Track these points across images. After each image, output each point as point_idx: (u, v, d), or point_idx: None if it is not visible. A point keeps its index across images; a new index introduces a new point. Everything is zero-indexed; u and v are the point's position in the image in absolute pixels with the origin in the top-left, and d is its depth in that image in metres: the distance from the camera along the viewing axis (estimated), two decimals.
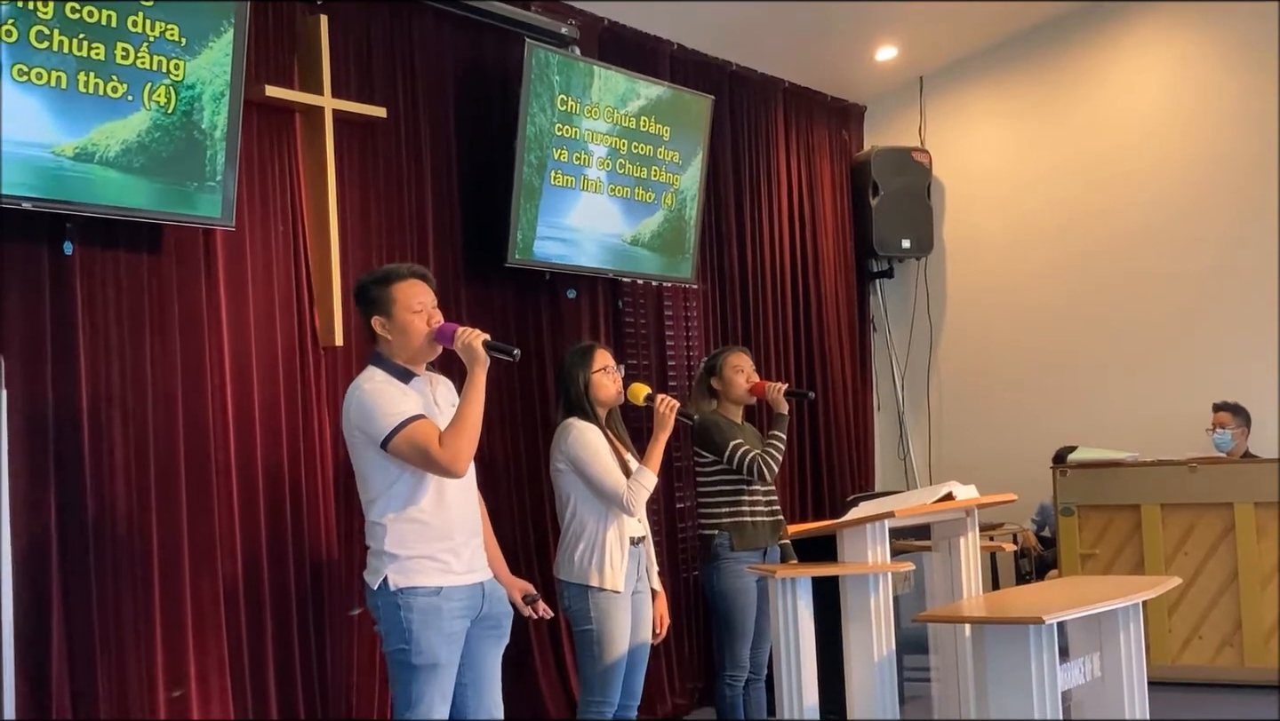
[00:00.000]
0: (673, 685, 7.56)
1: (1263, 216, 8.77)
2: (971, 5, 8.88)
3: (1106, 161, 9.27)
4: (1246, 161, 8.84)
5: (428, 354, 4.32)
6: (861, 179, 9.64)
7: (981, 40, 9.50)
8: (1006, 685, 4.17)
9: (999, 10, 9.09)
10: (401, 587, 4.13)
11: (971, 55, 9.65)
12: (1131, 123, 9.22)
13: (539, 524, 6.67)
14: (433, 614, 4.13)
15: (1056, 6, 9.21)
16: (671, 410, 5.22)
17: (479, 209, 6.64)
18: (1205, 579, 7.82)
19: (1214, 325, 8.87)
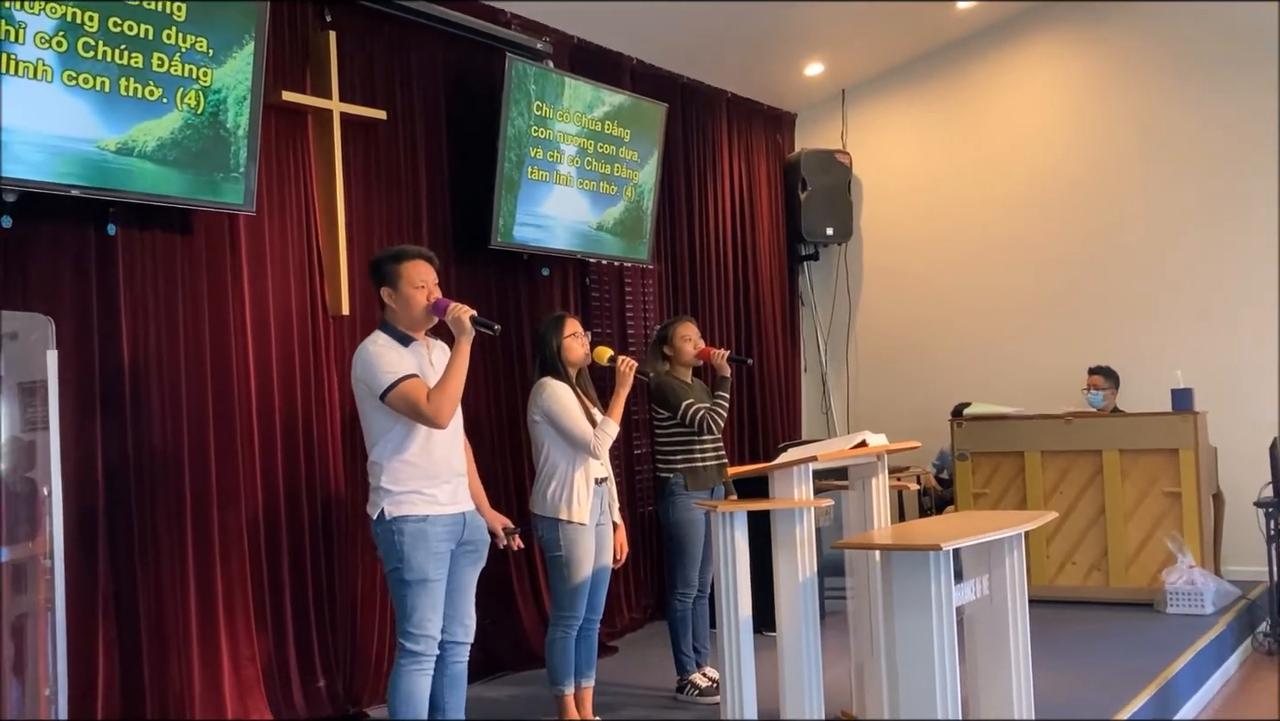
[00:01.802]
0: (630, 602, 7.60)
1: (1129, 209, 8.83)
2: (886, 28, 8.88)
3: (1000, 162, 9.29)
4: (1116, 163, 8.89)
5: (425, 323, 4.35)
6: (792, 176, 9.65)
7: (895, 58, 9.50)
8: (910, 602, 4.18)
9: (909, 32, 9.09)
10: (395, 517, 4.17)
11: (886, 71, 9.65)
12: (1021, 129, 9.24)
13: (518, 466, 6.66)
14: (421, 538, 4.17)
15: (960, 29, 9.20)
16: (631, 369, 5.24)
17: (466, 198, 6.60)
18: (1077, 514, 7.88)
19: (1089, 300, 8.92)
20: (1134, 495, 7.74)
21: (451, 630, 4.36)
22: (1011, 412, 8.29)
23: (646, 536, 7.56)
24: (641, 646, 7.08)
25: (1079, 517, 7.87)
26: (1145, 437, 7.74)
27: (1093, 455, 7.85)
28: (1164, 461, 7.68)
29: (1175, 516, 7.64)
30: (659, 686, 6.02)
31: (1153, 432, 7.74)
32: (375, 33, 6.17)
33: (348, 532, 5.77)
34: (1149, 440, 7.72)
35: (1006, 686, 4.75)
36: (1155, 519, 7.69)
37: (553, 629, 5.17)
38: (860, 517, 5.22)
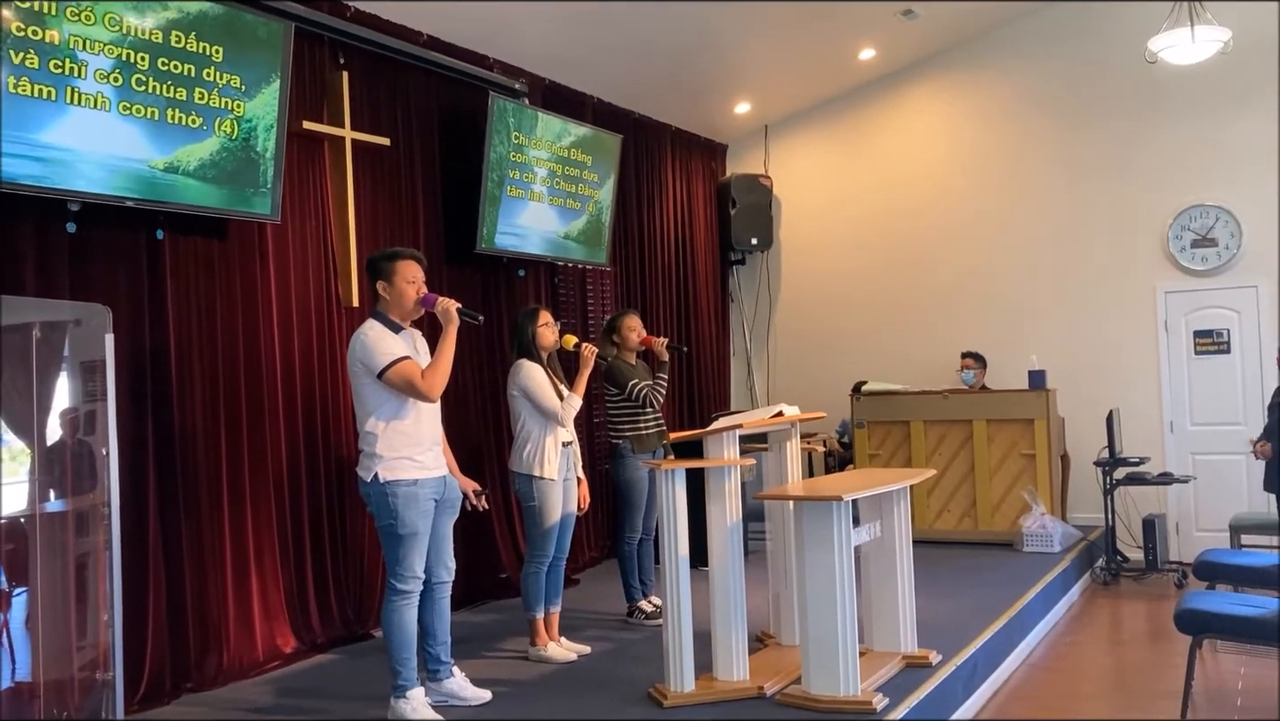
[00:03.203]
0: (589, 543, 7.60)
1: (996, 223, 8.89)
2: (801, 75, 8.89)
3: (893, 184, 9.33)
4: (986, 185, 8.96)
5: (414, 315, 4.29)
6: (724, 196, 9.63)
7: (808, 100, 9.51)
8: (817, 543, 4.21)
9: (820, 78, 9.11)
10: (388, 480, 4.11)
11: (802, 110, 9.65)
12: (911, 157, 9.28)
13: (498, 432, 6.64)
14: (412, 499, 4.13)
15: (862, 76, 9.24)
16: (592, 354, 5.25)
17: (456, 211, 6.55)
18: (952, 471, 7.97)
19: (963, 297, 8.99)
20: (998, 456, 7.85)
21: (437, 572, 4.34)
22: (900, 389, 8.36)
23: (603, 490, 7.57)
24: (598, 580, 7.09)
25: (953, 474, 7.96)
26: (1007, 410, 7.84)
27: (965, 424, 7.95)
28: (1022, 429, 7.79)
29: (1031, 474, 7.75)
30: (613, 612, 6.03)
31: (1013, 406, 7.84)
32: (381, 73, 6.10)
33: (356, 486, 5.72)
34: (1010, 412, 7.82)
35: (894, 611, 4.81)
36: (1015, 475, 7.79)
37: (527, 565, 5.17)
38: (777, 474, 5.24)
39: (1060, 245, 8.64)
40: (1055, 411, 7.95)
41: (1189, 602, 4.95)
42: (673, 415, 8.58)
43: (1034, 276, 8.72)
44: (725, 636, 4.47)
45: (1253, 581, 5.79)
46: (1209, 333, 8.15)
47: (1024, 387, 7.97)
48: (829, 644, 4.16)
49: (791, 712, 4.15)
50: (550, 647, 5.12)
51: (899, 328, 9.21)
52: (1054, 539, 7.41)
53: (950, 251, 9.05)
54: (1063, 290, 8.62)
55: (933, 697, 4.43)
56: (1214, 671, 5.49)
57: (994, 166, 8.93)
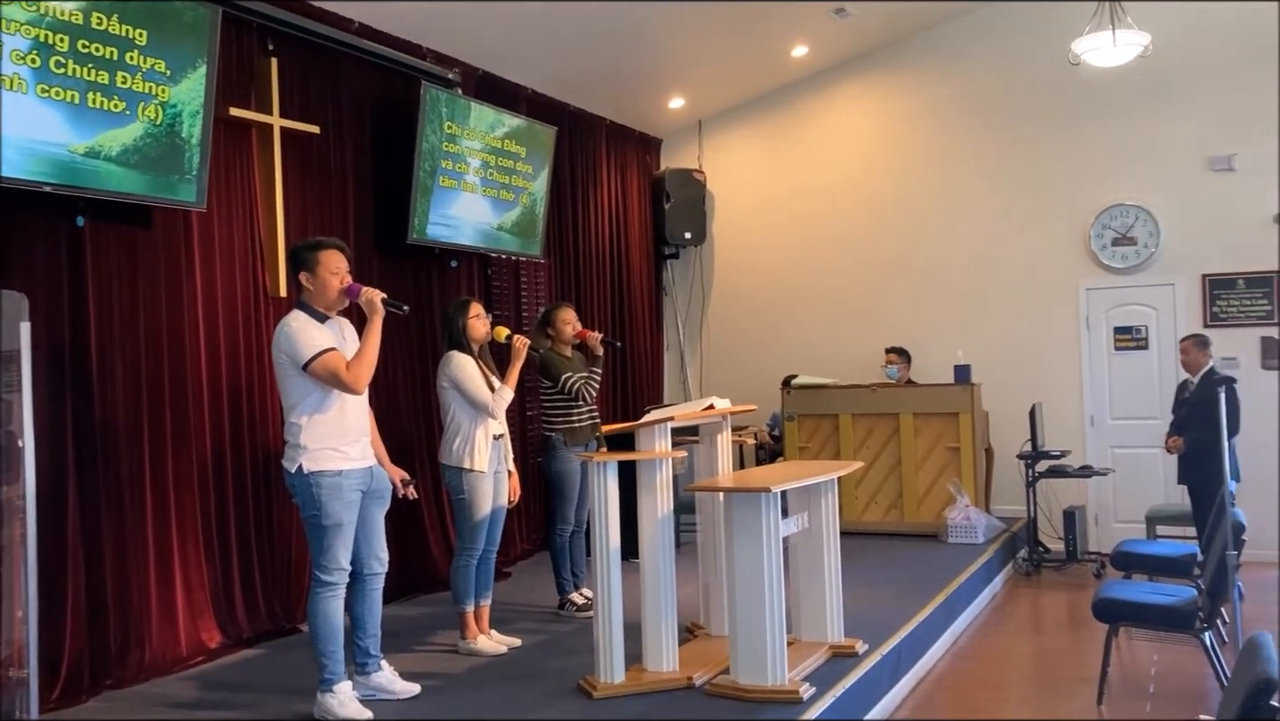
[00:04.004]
0: (521, 536, 7.57)
1: (922, 220, 9.02)
2: (734, 71, 8.93)
3: (824, 181, 9.42)
4: (912, 182, 9.08)
5: (338, 305, 4.21)
6: (658, 190, 9.64)
7: (741, 96, 9.56)
8: (746, 534, 4.23)
9: (753, 75, 9.16)
10: (312, 471, 4.05)
11: (735, 106, 9.70)
12: (841, 155, 9.38)
13: (429, 424, 6.57)
14: (336, 489, 4.07)
15: (793, 74, 9.30)
16: (524, 346, 5.20)
17: (387, 201, 6.46)
18: (879, 464, 8.07)
19: (890, 293, 9.11)
20: (924, 449, 7.96)
21: (369, 564, 4.28)
22: (829, 383, 8.44)
23: (536, 483, 7.54)
24: (530, 572, 7.06)
25: (881, 467, 8.06)
26: (933, 404, 7.95)
27: (892, 417, 8.05)
28: (947, 423, 7.91)
29: (955, 466, 7.87)
30: (544, 605, 6.02)
31: (939, 400, 7.96)
32: (311, 60, 6.00)
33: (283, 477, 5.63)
34: (936, 405, 7.94)
35: (822, 601, 4.86)
36: (940, 468, 7.91)
37: (457, 557, 5.13)
38: (708, 466, 5.26)
39: (986, 242, 8.78)
40: (980, 405, 8.09)
41: (1105, 592, 5.08)
42: (606, 408, 8.57)
43: (960, 273, 8.86)
44: (655, 627, 4.48)
45: (1167, 571, 5.96)
46: (1128, 329, 8.35)
47: (950, 382, 8.09)
48: (757, 634, 4.19)
49: (720, 702, 4.17)
50: (480, 640, 5.09)
51: (829, 322, 9.29)
52: (978, 530, 7.54)
53: (879, 247, 9.16)
54: (988, 286, 8.77)
55: (859, 686, 4.49)
56: (1129, 658, 5.63)
57: (922, 164, 9.05)
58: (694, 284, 9.95)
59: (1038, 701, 5.05)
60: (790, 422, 8.36)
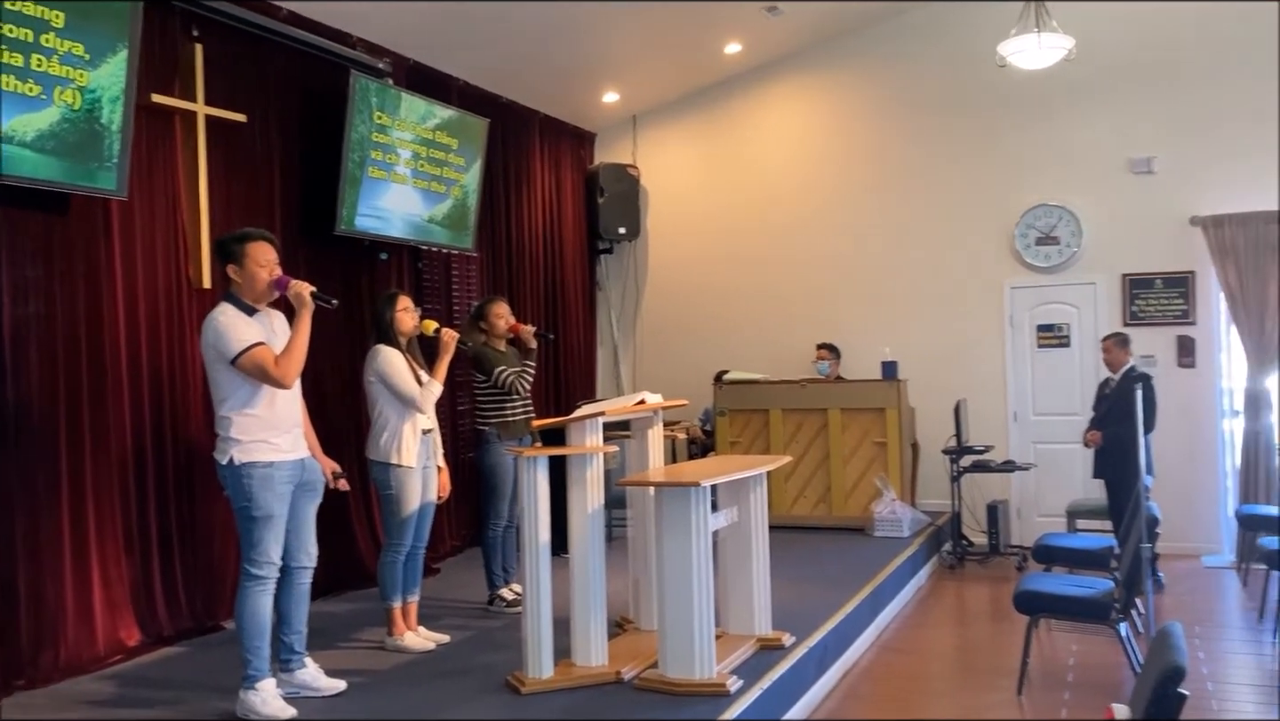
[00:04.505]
0: (451, 533, 7.51)
1: (853, 218, 9.12)
2: (669, 66, 8.94)
3: (757, 177, 9.48)
4: (844, 181, 9.17)
5: (267, 297, 4.16)
6: (592, 185, 9.62)
7: (676, 92, 9.58)
8: (676, 527, 4.25)
9: (687, 71, 9.18)
10: (243, 462, 4.00)
11: (669, 102, 9.72)
12: (774, 151, 9.44)
13: (357, 418, 6.48)
14: (266, 481, 4.02)
15: (728, 70, 9.34)
16: (453, 340, 5.16)
17: (315, 191, 6.36)
18: (808, 458, 8.15)
19: (821, 290, 9.19)
20: (851, 444, 8.06)
21: (298, 557, 4.23)
22: (760, 378, 8.51)
23: (467, 478, 7.48)
24: (460, 569, 7.01)
25: (810, 461, 8.14)
26: (861, 399, 8.05)
27: (821, 412, 8.13)
28: (875, 418, 8.01)
29: (882, 461, 7.98)
30: (474, 600, 5.98)
31: (867, 395, 8.06)
32: (238, 47, 5.87)
33: (207, 471, 5.48)
34: (864, 401, 8.04)
35: (750, 594, 4.89)
36: (867, 462, 8.02)
37: (384, 553, 5.08)
38: (640, 461, 5.26)
39: (914, 240, 8.91)
40: (906, 401, 8.20)
41: (1026, 584, 5.19)
42: (540, 403, 8.50)
43: (889, 270, 8.97)
44: (584, 622, 4.47)
45: (1086, 563, 6.10)
46: (1051, 327, 8.53)
47: (877, 378, 8.20)
48: (685, 627, 4.21)
49: (647, 696, 4.18)
50: (407, 637, 5.04)
51: (760, 318, 9.36)
52: (904, 524, 7.65)
53: (809, 244, 9.24)
54: (916, 284, 8.89)
55: (785, 678, 4.53)
56: (1049, 648, 5.76)
57: (853, 162, 9.15)
58: (628, 279, 9.95)
59: (960, 692, 5.14)
60: (722, 418, 8.40)
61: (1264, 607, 6.23)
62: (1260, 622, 6.13)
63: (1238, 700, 4.89)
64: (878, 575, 6.37)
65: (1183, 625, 2.83)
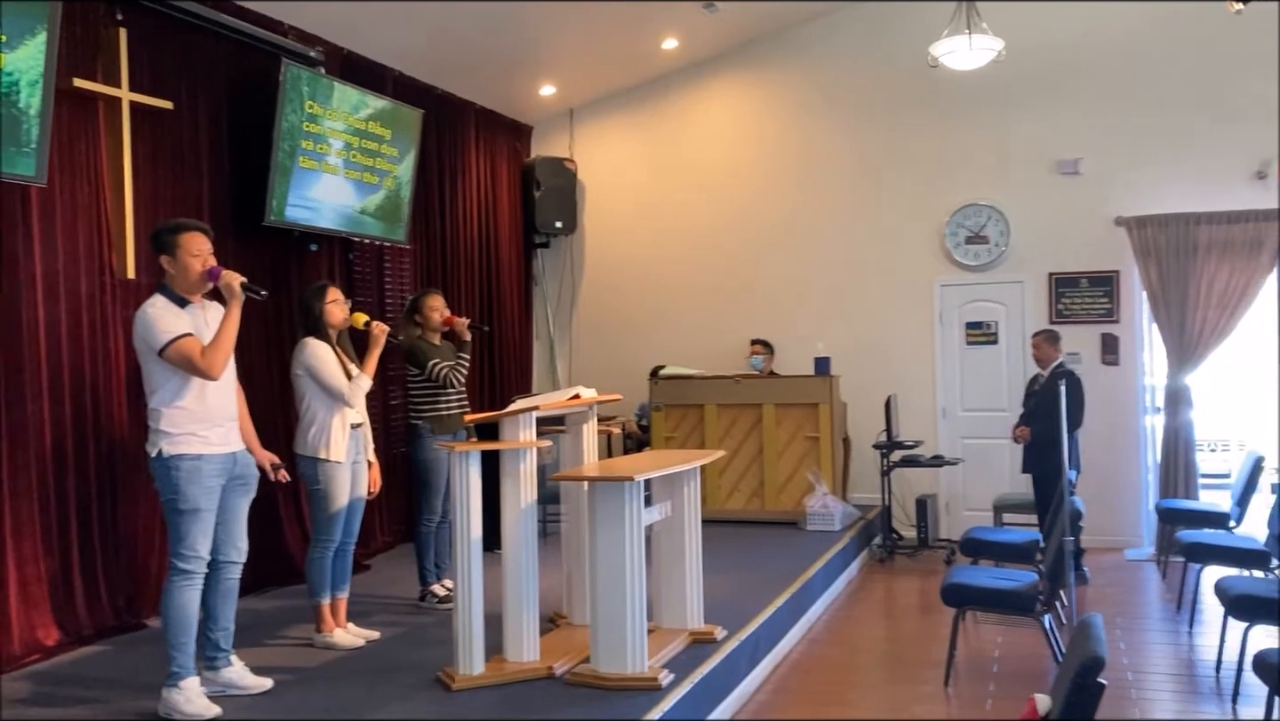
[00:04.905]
0: (383, 528, 7.43)
1: (787, 215, 9.18)
2: (605, 60, 8.93)
3: (693, 173, 9.50)
4: (778, 177, 9.24)
5: (200, 287, 4.11)
6: (528, 178, 9.57)
7: (612, 86, 9.56)
8: (609, 522, 4.24)
9: (624, 65, 9.17)
10: (171, 455, 3.96)
11: (606, 96, 9.70)
12: (710, 147, 9.47)
13: (287, 412, 6.36)
14: (194, 473, 3.97)
15: (664, 66, 9.34)
16: (383, 333, 5.10)
17: (244, 181, 6.24)
18: (743, 453, 8.19)
19: (756, 286, 9.25)
20: (785, 439, 8.12)
21: (226, 552, 4.17)
22: (695, 374, 8.54)
23: (399, 473, 7.40)
24: (392, 565, 6.93)
25: (744, 456, 8.19)
26: (794, 394, 8.12)
27: (755, 407, 8.19)
28: (808, 413, 8.08)
29: (815, 455, 8.05)
30: (405, 597, 5.92)
31: (800, 390, 8.13)
32: (164, 32, 5.73)
33: (130, 467, 5.39)
34: (797, 396, 8.11)
35: (683, 588, 4.91)
36: (800, 457, 8.09)
37: (312, 549, 5.01)
38: (574, 456, 5.25)
39: (847, 238, 9.00)
40: (838, 396, 8.29)
41: (953, 577, 5.27)
42: (475, 398, 8.44)
43: (822, 267, 9.05)
44: (516, 618, 4.45)
45: (1011, 557, 6.22)
46: (979, 324, 8.68)
47: (810, 374, 8.27)
48: (618, 622, 4.21)
49: (579, 691, 4.17)
50: (336, 633, 4.98)
51: (697, 313, 9.39)
52: (835, 518, 7.73)
53: (745, 240, 9.28)
54: (849, 281, 8.98)
55: (717, 671, 4.55)
56: (975, 640, 5.86)
57: (788, 159, 9.21)
58: (564, 273, 9.92)
59: (889, 685, 5.20)
60: (657, 412, 8.41)
61: (1181, 599, 6.40)
62: (1178, 614, 6.30)
63: (1156, 689, 5.02)
64: (809, 569, 6.43)
65: (1104, 616, 2.89)
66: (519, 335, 9.54)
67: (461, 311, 8.22)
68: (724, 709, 4.59)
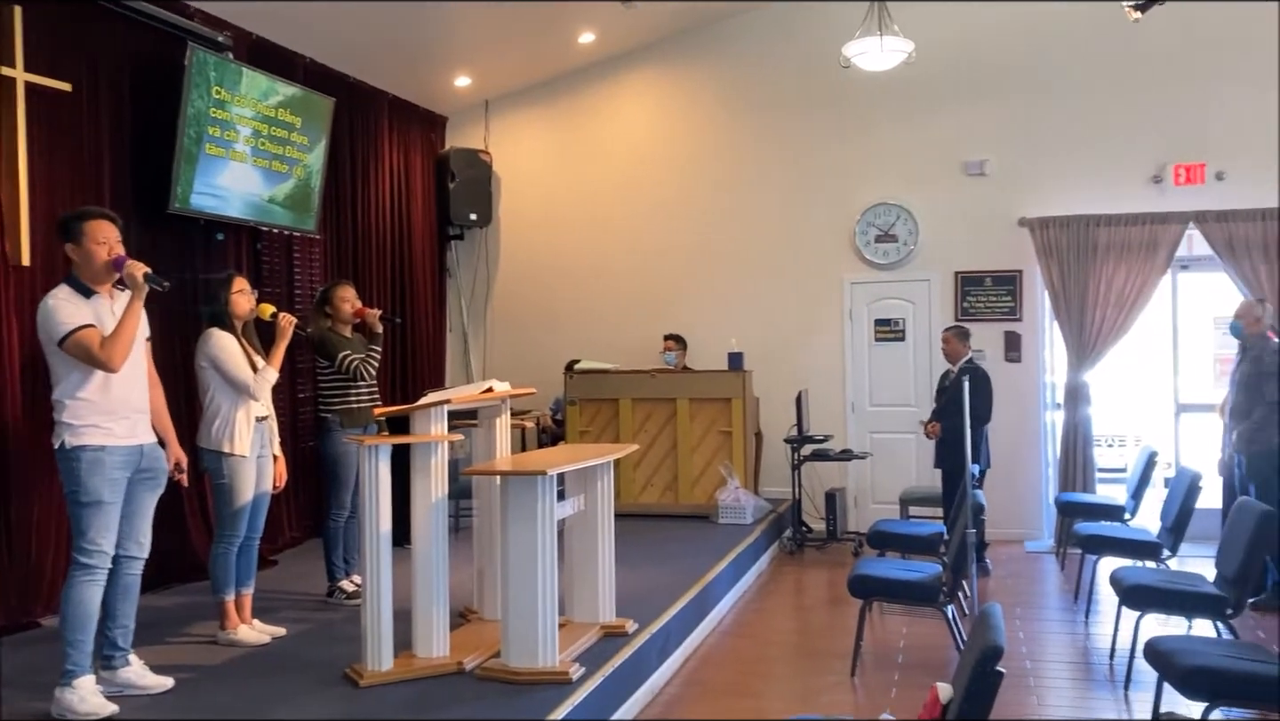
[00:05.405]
0: (291, 523, 7.29)
1: (702, 210, 9.23)
2: (522, 51, 8.87)
3: (609, 166, 9.49)
4: (693, 173, 9.28)
5: (106, 277, 4.03)
6: (443, 169, 9.46)
7: (529, 78, 9.50)
8: (521, 517, 4.22)
9: (541, 57, 9.12)
10: (74, 446, 3.89)
11: (522, 88, 9.64)
12: (626, 140, 9.47)
13: (190, 406, 6.20)
14: (97, 465, 3.89)
15: (581, 59, 9.32)
16: (290, 324, 5.03)
17: (148, 167, 6.06)
18: (657, 447, 8.23)
19: (670, 281, 9.28)
20: (698, 433, 8.18)
21: (127, 547, 4.08)
22: (610, 368, 8.54)
23: (307, 467, 7.26)
24: (299, 560, 6.81)
25: (658, 450, 8.23)
26: (708, 389, 8.18)
27: (670, 402, 8.23)
28: (721, 407, 8.15)
29: (727, 449, 8.12)
30: (313, 593, 5.82)
31: (714, 385, 8.19)
32: (63, 12, 5.53)
33: (25, 459, 5.19)
34: (710, 391, 8.17)
35: (594, 582, 4.91)
36: (713, 451, 8.15)
37: (216, 545, 4.90)
38: (487, 450, 5.22)
39: (760, 234, 9.08)
40: (751, 391, 8.37)
41: (860, 569, 5.36)
42: (387, 391, 8.36)
43: (735, 263, 9.13)
44: (426, 613, 4.41)
45: (916, 549, 6.35)
46: (887, 321, 8.83)
47: (723, 369, 8.33)
48: (529, 616, 4.19)
49: (489, 686, 4.15)
50: (241, 630, 4.87)
51: (612, 308, 9.39)
52: (746, 511, 7.80)
53: (660, 236, 9.31)
54: (761, 277, 9.07)
55: (628, 665, 4.56)
56: (881, 631, 5.97)
57: (702, 155, 9.26)
58: (479, 266, 9.84)
59: (797, 675, 5.27)
60: (572, 407, 8.40)
61: (1078, 589, 6.60)
62: (1075, 603, 6.50)
63: (1053, 676, 5.17)
64: (720, 562, 6.48)
65: (1004, 606, 2.97)
66: (432, 328, 9.44)
67: (373, 303, 8.11)
68: (635, 701, 4.61)
